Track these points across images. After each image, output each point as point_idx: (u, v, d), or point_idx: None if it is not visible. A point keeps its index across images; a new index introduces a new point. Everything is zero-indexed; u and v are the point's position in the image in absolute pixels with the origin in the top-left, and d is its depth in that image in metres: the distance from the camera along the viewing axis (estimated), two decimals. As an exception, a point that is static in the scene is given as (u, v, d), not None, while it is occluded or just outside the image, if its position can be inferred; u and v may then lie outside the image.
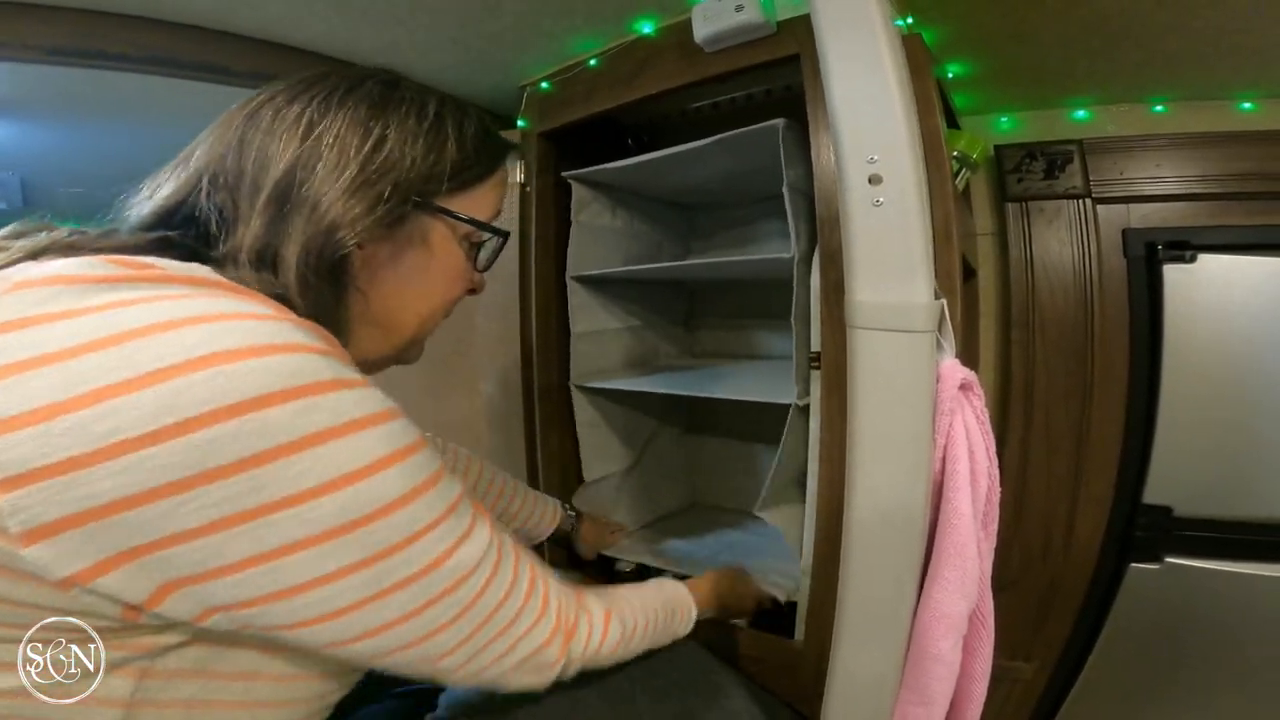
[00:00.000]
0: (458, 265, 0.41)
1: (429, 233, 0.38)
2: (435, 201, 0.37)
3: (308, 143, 0.34)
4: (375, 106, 0.36)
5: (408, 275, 0.38)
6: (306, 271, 0.33)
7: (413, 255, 0.38)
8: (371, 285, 0.37)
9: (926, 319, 0.44)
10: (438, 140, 0.37)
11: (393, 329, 0.39)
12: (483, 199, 0.41)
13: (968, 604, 0.51)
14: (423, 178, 0.36)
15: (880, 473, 0.47)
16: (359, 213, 0.34)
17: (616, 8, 0.87)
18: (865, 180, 0.46)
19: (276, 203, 0.33)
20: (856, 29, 0.50)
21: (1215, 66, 0.95)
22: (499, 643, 0.35)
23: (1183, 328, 0.93)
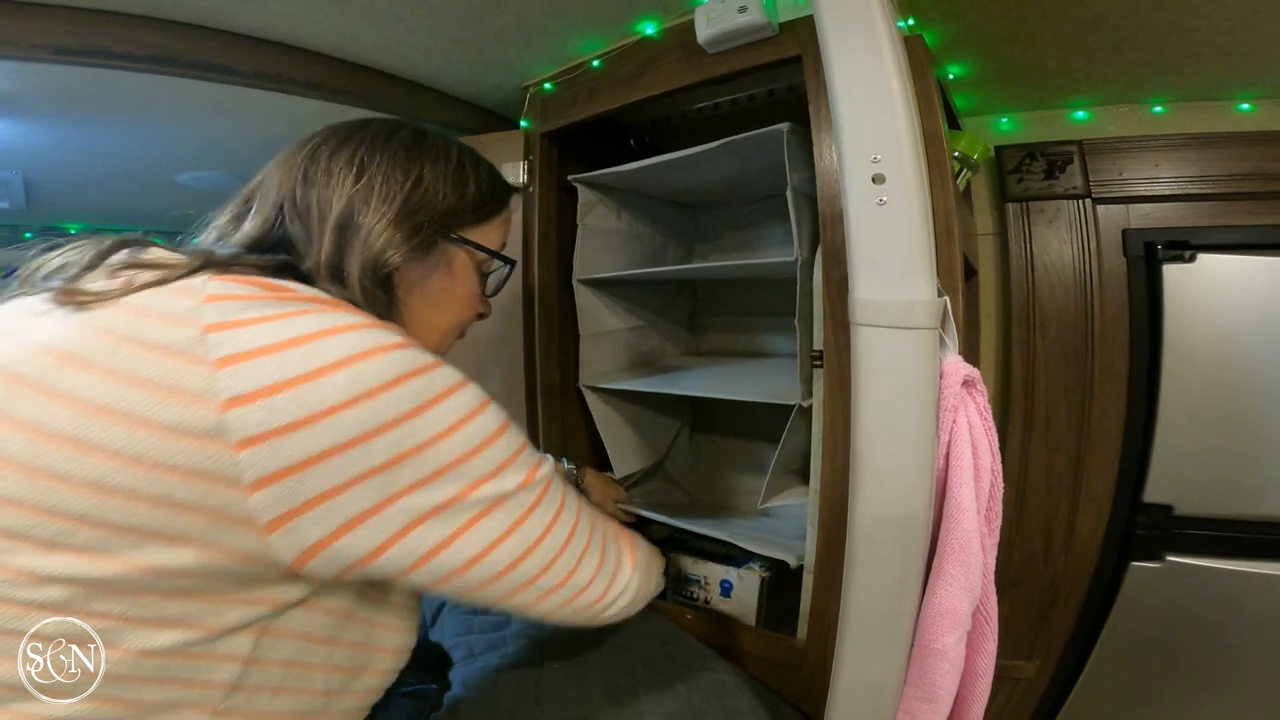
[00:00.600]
0: (473, 290, 0.49)
1: (453, 259, 0.46)
2: (459, 233, 0.46)
3: (361, 181, 0.42)
4: (412, 151, 0.44)
5: (433, 294, 0.46)
6: (365, 284, 0.41)
7: (438, 277, 0.46)
8: (407, 297, 0.44)
9: (929, 316, 0.44)
10: (461, 180, 0.45)
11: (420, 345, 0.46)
12: (494, 232, 0.49)
13: (971, 600, 0.51)
14: (451, 211, 0.45)
15: (884, 469, 0.47)
16: (401, 237, 0.42)
17: (619, 8, 0.87)
18: (868, 179, 0.46)
19: (339, 230, 0.41)
20: (859, 30, 0.51)
21: (1213, 67, 0.96)
22: (579, 568, 0.43)
23: (1182, 327, 0.94)
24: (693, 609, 0.94)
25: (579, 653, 0.81)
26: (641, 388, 0.97)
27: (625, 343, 1.11)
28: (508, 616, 0.71)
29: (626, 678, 0.78)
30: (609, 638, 0.86)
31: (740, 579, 0.90)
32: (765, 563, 0.89)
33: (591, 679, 0.77)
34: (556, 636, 0.84)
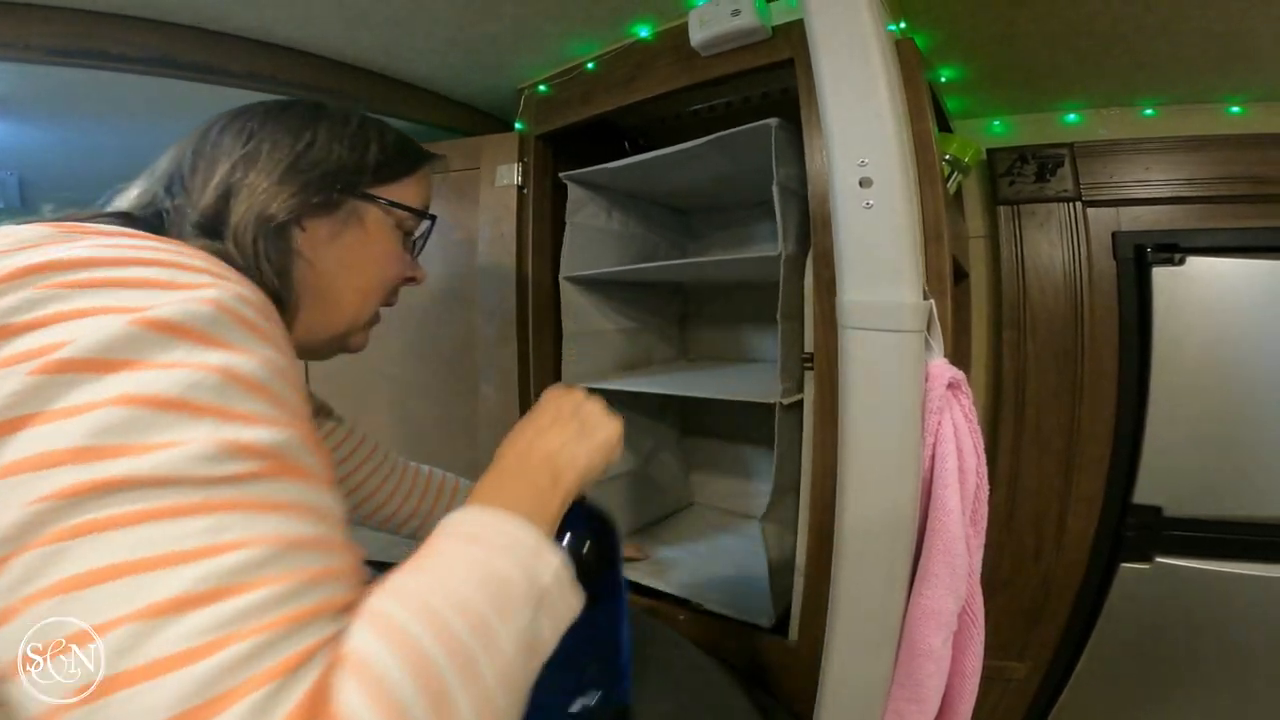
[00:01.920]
0: (391, 248, 0.46)
1: (364, 216, 0.44)
2: (363, 189, 0.44)
3: (249, 146, 0.41)
4: (305, 119, 0.43)
5: (347, 252, 0.43)
6: (250, 237, 0.38)
7: (350, 234, 0.43)
8: (317, 256, 0.42)
9: (915, 319, 0.44)
10: (360, 142, 0.44)
11: (336, 303, 0.43)
12: (408, 192, 0.46)
13: (957, 601, 0.52)
14: (349, 169, 0.43)
15: (870, 471, 0.48)
16: (290, 193, 0.40)
17: (613, 11, 0.87)
18: (856, 183, 0.46)
19: (221, 190, 0.39)
20: (849, 35, 0.51)
21: (1204, 70, 0.96)
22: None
23: (1171, 329, 0.95)
24: (685, 610, 0.94)
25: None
26: (621, 387, 0.97)
27: (614, 344, 1.11)
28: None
29: (618, 678, 0.78)
30: (601, 638, 0.86)
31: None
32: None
33: (584, 680, 0.77)
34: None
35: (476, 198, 1.00)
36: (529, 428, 0.42)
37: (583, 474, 0.40)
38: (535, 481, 0.37)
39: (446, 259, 1.03)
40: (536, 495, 0.36)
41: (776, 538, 0.87)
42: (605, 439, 0.43)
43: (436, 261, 1.03)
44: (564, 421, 0.42)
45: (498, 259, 0.98)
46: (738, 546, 1.12)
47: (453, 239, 1.02)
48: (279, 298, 0.39)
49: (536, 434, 0.41)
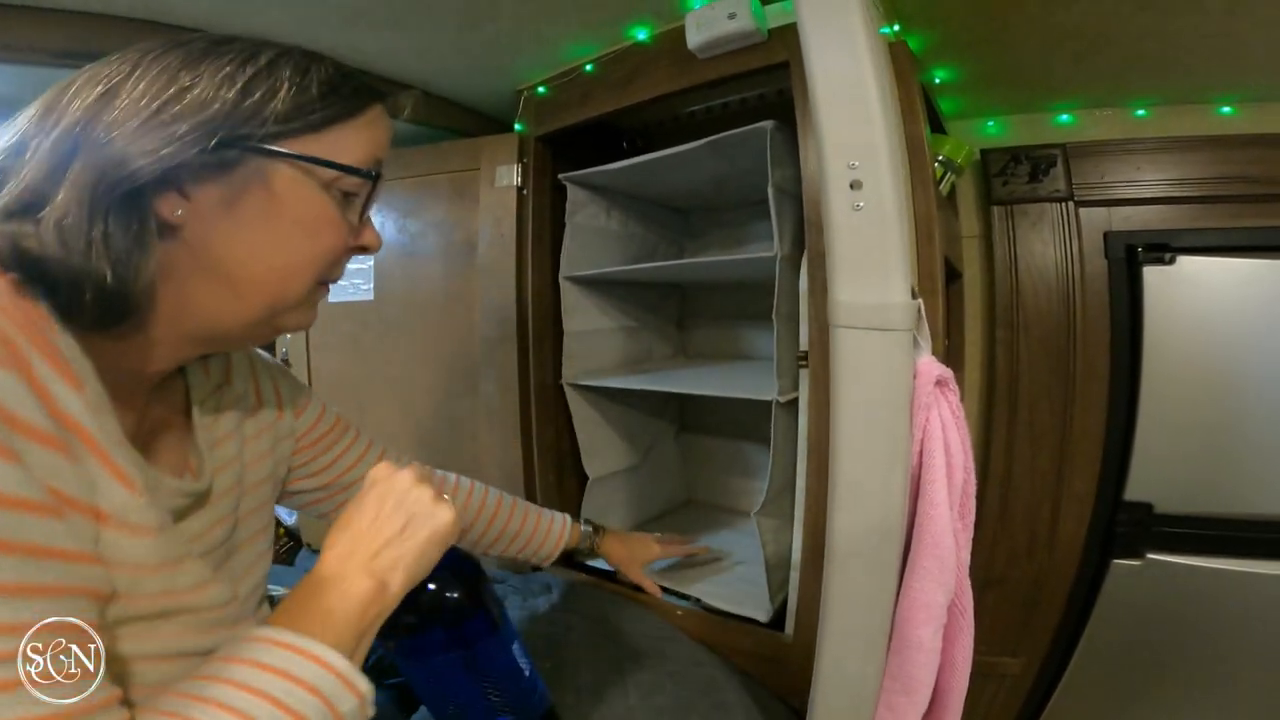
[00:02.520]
0: (318, 214, 0.37)
1: (271, 178, 0.35)
2: (259, 144, 0.34)
3: (103, 94, 0.32)
4: (193, 60, 0.33)
5: (251, 225, 0.35)
6: (79, 213, 0.30)
7: (252, 203, 0.34)
8: (205, 236, 0.34)
9: (904, 318, 0.46)
10: (263, 84, 0.34)
11: (244, 284, 0.36)
12: (340, 143, 0.37)
13: (946, 593, 0.53)
14: (239, 119, 0.33)
15: (861, 466, 0.49)
16: (148, 149, 0.31)
17: (612, 14, 0.88)
18: (846, 185, 0.48)
19: (56, 152, 0.30)
20: (840, 39, 0.52)
21: (1194, 71, 0.97)
22: None
23: (1162, 328, 0.96)
24: (682, 605, 0.95)
25: (568, 650, 0.83)
26: (623, 384, 0.99)
27: (613, 342, 1.13)
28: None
29: (615, 674, 0.80)
30: (597, 636, 0.87)
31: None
32: None
33: (581, 677, 0.78)
34: (544, 635, 0.86)
35: (477, 198, 1.01)
36: (350, 527, 0.39)
37: (412, 572, 0.38)
38: (354, 592, 0.35)
39: (447, 259, 1.04)
40: (356, 608, 0.35)
41: (773, 533, 0.89)
42: (433, 532, 0.40)
43: (437, 262, 1.05)
44: (387, 518, 0.39)
45: (498, 259, 0.99)
46: (735, 542, 1.13)
47: (453, 239, 1.03)
48: (119, 300, 0.31)
49: (356, 538, 0.38)
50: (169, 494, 0.37)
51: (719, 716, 0.74)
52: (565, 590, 0.98)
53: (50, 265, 0.30)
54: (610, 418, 1.10)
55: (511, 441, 1.00)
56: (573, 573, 1.05)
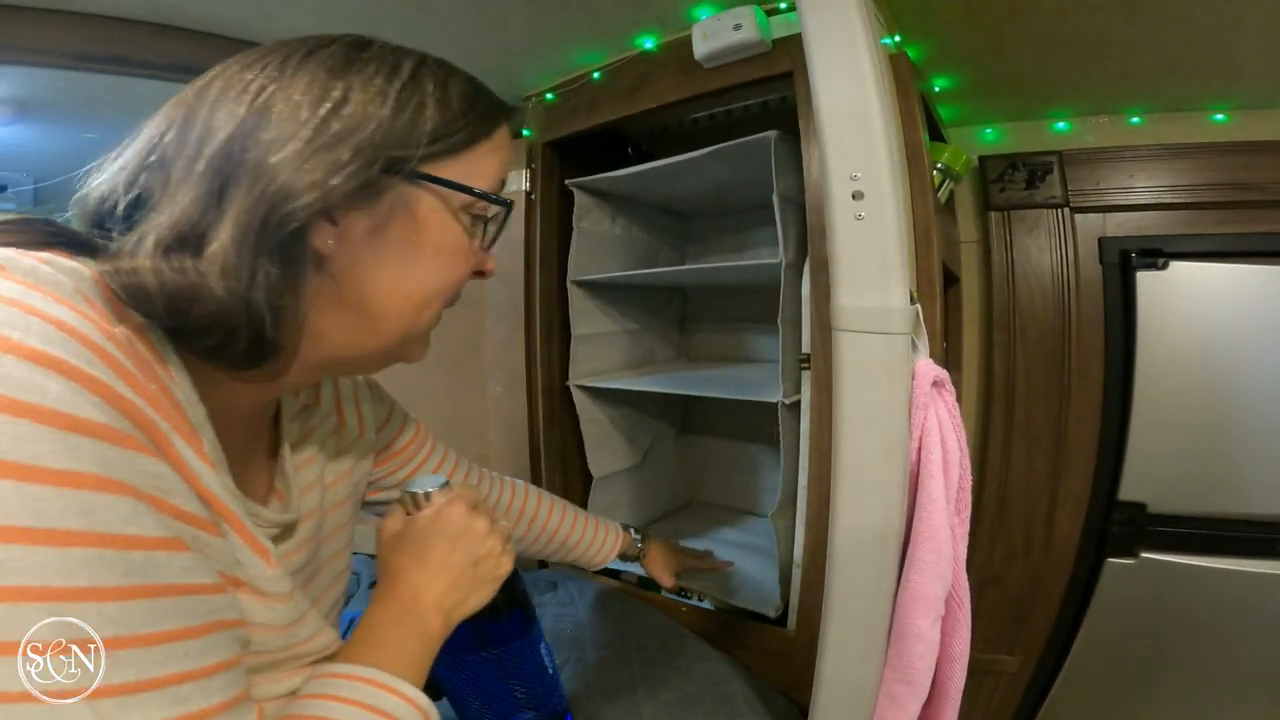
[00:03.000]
0: (455, 241, 0.35)
1: (415, 204, 0.33)
2: (414, 168, 0.33)
3: (255, 107, 0.29)
4: (338, 68, 0.31)
5: (394, 254, 0.33)
6: (245, 252, 0.28)
7: (397, 231, 0.33)
8: (349, 267, 0.32)
9: (902, 322, 0.48)
10: (412, 100, 0.32)
11: (381, 316, 0.35)
12: (477, 165, 0.35)
13: (944, 585, 0.56)
14: (395, 141, 0.32)
15: (862, 464, 0.52)
16: (315, 180, 0.29)
17: (619, 23, 0.91)
18: (849, 195, 0.50)
19: (212, 175, 0.28)
20: (843, 52, 0.55)
21: (1188, 79, 1.00)
22: None
23: (1155, 331, 0.99)
24: (687, 602, 0.97)
25: (575, 647, 0.85)
26: (628, 386, 1.02)
27: (617, 345, 1.16)
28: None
29: (622, 670, 0.82)
30: (603, 632, 0.89)
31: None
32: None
33: (589, 673, 0.81)
34: (551, 631, 0.88)
35: (486, 203, 1.04)
36: (425, 563, 0.40)
37: (471, 610, 0.42)
38: (430, 632, 0.39)
39: (456, 262, 1.07)
40: (430, 646, 0.39)
41: (787, 533, 0.91)
42: (497, 578, 0.44)
43: (446, 264, 1.07)
44: (460, 558, 0.41)
45: (507, 263, 1.02)
46: (737, 541, 1.16)
47: (462, 242, 1.06)
48: (274, 342, 0.30)
49: (433, 574, 0.40)
50: (264, 524, 0.36)
51: (724, 709, 0.76)
52: (571, 587, 1.01)
53: (208, 307, 0.27)
54: (614, 419, 1.12)
55: (519, 443, 1.03)
56: (577, 570, 1.07)
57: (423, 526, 0.42)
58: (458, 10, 0.85)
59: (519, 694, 0.56)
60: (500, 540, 0.45)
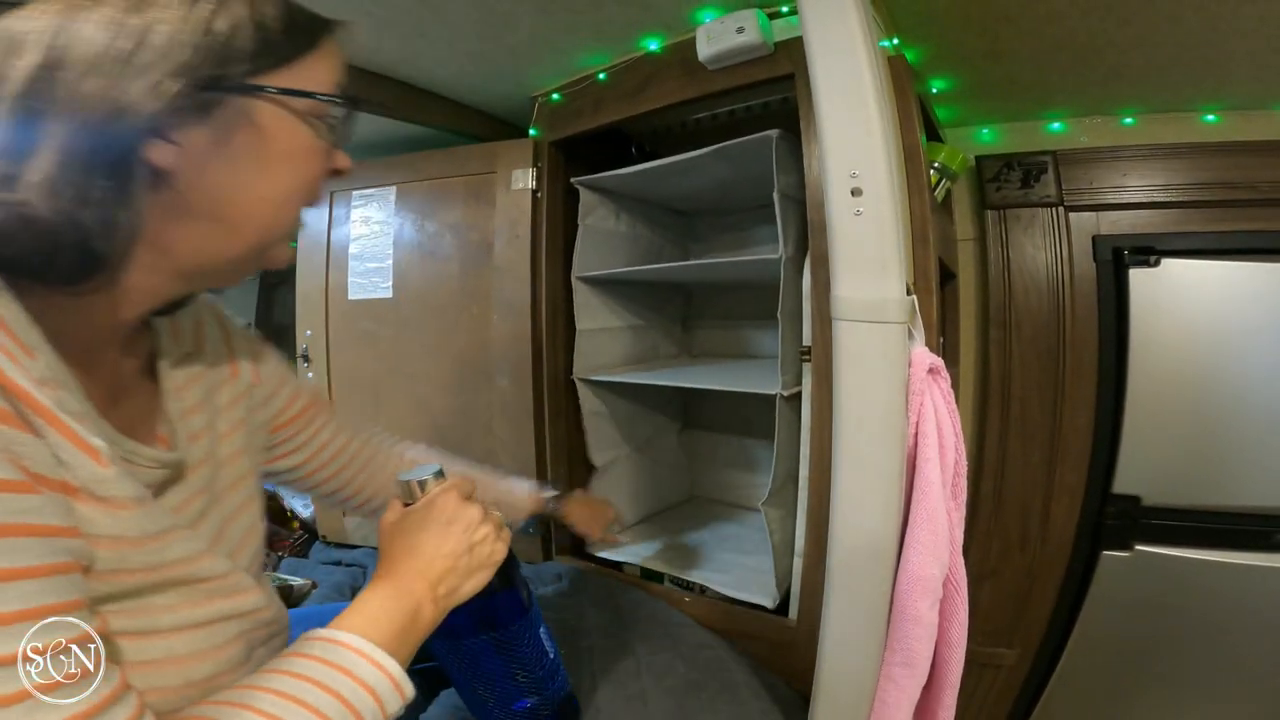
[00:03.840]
0: (304, 144, 0.38)
1: (254, 114, 0.36)
2: (244, 82, 0.35)
3: (54, 54, 0.30)
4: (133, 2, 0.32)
5: (243, 162, 0.36)
6: (69, 174, 0.30)
7: (242, 140, 0.35)
8: (197, 179, 0.34)
9: (899, 311, 0.51)
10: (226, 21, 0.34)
11: (238, 221, 0.37)
12: (310, 73, 0.38)
13: (941, 568, 0.58)
14: (214, 60, 0.33)
15: (860, 448, 0.54)
16: (131, 103, 0.31)
17: (624, 26, 0.94)
18: (848, 193, 0.53)
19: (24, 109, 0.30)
20: (842, 57, 0.58)
21: (1179, 81, 1.04)
22: None
23: (1147, 327, 1.02)
24: (689, 593, 1.00)
25: (581, 636, 0.88)
26: (632, 380, 1.05)
27: (621, 340, 1.19)
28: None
29: (628, 657, 0.84)
30: (609, 621, 0.92)
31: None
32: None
33: (595, 661, 0.83)
34: (557, 621, 0.90)
35: (493, 201, 1.07)
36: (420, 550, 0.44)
37: (466, 595, 0.46)
38: (419, 613, 0.42)
39: (464, 259, 1.09)
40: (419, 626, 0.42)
41: (779, 522, 0.94)
42: (492, 564, 0.48)
43: (454, 262, 1.10)
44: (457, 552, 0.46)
45: (514, 260, 1.05)
46: (738, 535, 1.19)
47: (469, 240, 1.09)
48: (101, 253, 0.32)
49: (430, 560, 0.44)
50: (145, 463, 0.37)
51: (727, 696, 0.79)
52: (576, 579, 1.03)
53: (29, 226, 0.30)
54: (617, 411, 1.15)
55: (525, 435, 1.06)
56: (582, 562, 1.10)
57: (417, 516, 0.46)
58: (467, 13, 0.88)
59: (520, 678, 0.58)
60: (493, 527, 0.48)
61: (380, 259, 1.13)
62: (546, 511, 0.85)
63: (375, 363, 1.15)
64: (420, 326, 1.11)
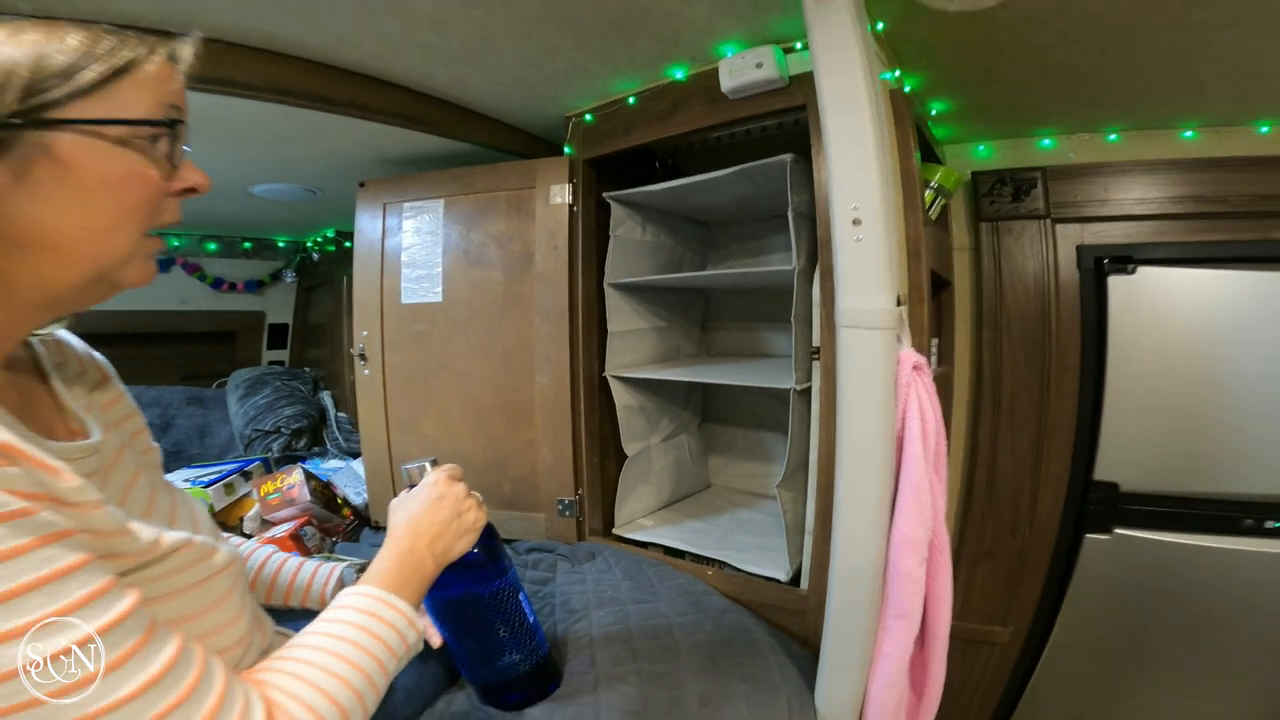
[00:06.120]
0: (123, 169, 0.40)
1: (51, 146, 0.37)
2: (32, 117, 0.36)
3: None
4: None
5: (49, 193, 0.37)
6: None
7: (43, 172, 0.37)
8: (7, 212, 0.37)
9: (890, 320, 0.67)
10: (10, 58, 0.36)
11: (64, 249, 0.39)
12: (120, 99, 0.39)
13: (926, 530, 0.74)
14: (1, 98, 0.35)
15: (859, 431, 0.71)
16: None
17: (653, 56, 1.09)
18: (850, 222, 0.69)
19: None
20: (848, 114, 0.73)
21: (1158, 101, 1.17)
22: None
23: (1124, 329, 1.18)
24: (713, 567, 1.16)
25: (615, 603, 1.04)
26: (657, 376, 1.21)
27: (647, 340, 1.35)
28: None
29: (659, 619, 1.01)
30: (640, 591, 1.08)
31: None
32: None
33: (630, 621, 0.99)
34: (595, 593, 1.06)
35: (533, 214, 1.23)
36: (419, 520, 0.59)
37: (456, 553, 0.61)
38: (422, 567, 0.57)
39: (507, 267, 1.26)
40: (424, 579, 0.57)
41: (792, 503, 1.10)
42: (474, 529, 0.63)
43: (498, 269, 1.26)
44: (448, 519, 0.61)
45: (553, 268, 1.21)
46: (754, 520, 1.35)
47: (512, 250, 1.25)
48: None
49: (429, 526, 0.59)
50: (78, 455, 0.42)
51: (751, 650, 0.94)
52: (608, 555, 1.20)
53: None
54: (645, 405, 1.32)
55: (563, 426, 1.22)
56: (612, 542, 1.26)
57: (416, 494, 0.62)
58: (514, 44, 1.03)
59: (502, 633, 0.72)
60: (475, 501, 0.64)
61: (430, 266, 1.29)
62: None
63: (426, 360, 1.31)
64: (467, 328, 1.28)
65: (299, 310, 2.49)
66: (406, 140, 1.27)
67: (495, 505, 1.30)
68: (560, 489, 1.25)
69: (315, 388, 2.19)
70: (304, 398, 2.03)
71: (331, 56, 1.07)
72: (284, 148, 1.31)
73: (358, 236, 1.39)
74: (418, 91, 1.19)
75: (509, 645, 0.73)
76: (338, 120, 1.14)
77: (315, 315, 2.45)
